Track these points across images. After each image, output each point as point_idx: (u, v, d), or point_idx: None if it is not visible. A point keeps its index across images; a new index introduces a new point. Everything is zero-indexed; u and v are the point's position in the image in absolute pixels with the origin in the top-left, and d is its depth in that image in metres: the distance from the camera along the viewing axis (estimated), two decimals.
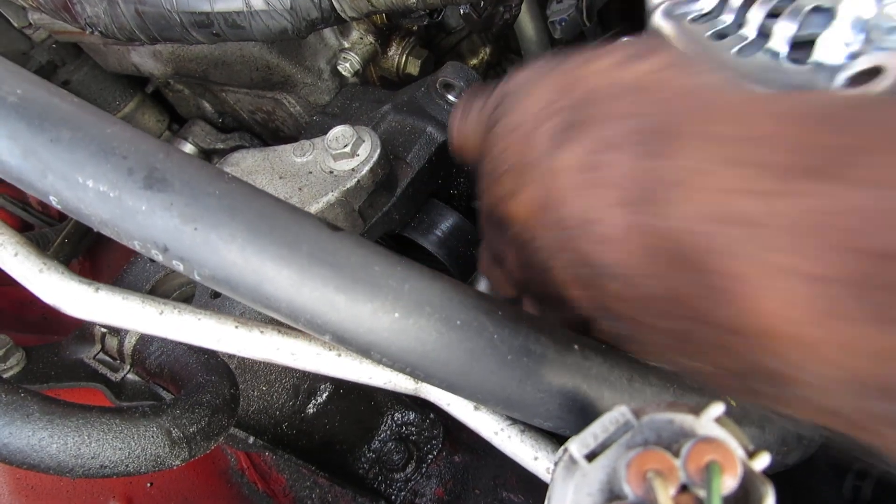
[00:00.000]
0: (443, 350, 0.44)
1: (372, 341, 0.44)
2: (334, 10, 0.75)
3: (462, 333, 0.44)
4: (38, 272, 0.56)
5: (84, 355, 0.81)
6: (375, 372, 0.56)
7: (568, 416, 0.48)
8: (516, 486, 1.08)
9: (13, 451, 0.51)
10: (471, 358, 0.45)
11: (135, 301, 0.55)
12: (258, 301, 0.44)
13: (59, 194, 0.44)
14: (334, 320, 0.43)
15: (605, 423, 0.36)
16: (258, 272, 0.42)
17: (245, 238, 0.42)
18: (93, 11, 0.80)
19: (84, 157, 0.43)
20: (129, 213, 0.43)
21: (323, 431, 1.00)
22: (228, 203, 0.43)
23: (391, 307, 0.43)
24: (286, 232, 0.43)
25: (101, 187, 0.43)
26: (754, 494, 0.32)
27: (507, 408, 0.48)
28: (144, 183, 0.43)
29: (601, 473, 0.35)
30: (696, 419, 0.35)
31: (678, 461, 0.33)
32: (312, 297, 0.42)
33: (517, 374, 0.46)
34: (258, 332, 0.55)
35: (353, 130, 0.80)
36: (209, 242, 0.42)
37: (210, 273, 0.43)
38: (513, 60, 1.34)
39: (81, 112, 0.46)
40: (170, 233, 0.43)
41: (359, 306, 0.43)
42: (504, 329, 0.46)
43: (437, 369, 0.45)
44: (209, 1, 0.75)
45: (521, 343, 0.46)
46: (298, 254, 0.43)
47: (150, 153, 0.44)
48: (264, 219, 0.43)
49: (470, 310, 0.45)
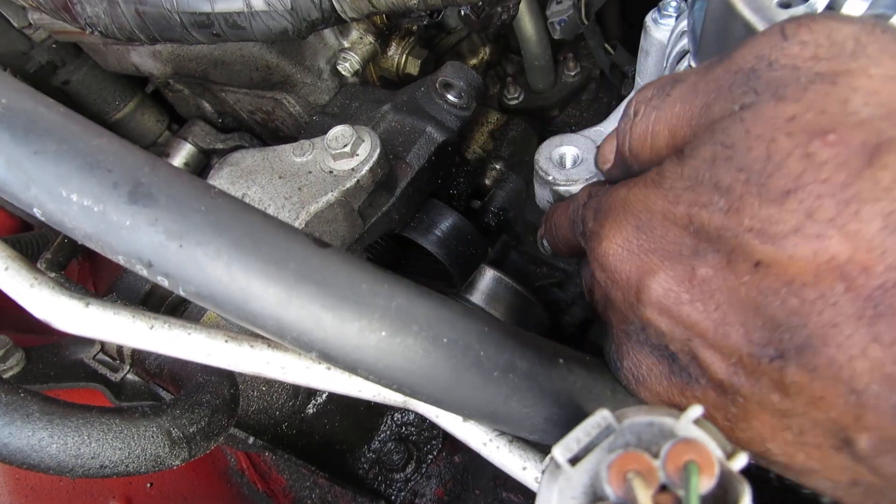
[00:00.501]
0: (429, 368, 0.44)
1: (359, 359, 0.44)
2: (335, 10, 0.76)
3: (449, 351, 0.45)
4: (29, 287, 0.56)
5: (84, 355, 0.81)
6: (365, 385, 0.57)
7: (553, 430, 0.48)
8: (516, 487, 1.08)
9: (13, 451, 0.51)
10: (457, 375, 0.45)
11: (125, 316, 0.56)
12: (244, 318, 0.44)
13: (42, 207, 0.43)
14: (321, 338, 0.43)
15: (588, 427, 0.37)
16: (244, 290, 0.42)
17: (231, 255, 0.42)
18: (93, 11, 0.80)
19: (68, 170, 0.43)
20: (113, 227, 0.42)
21: (323, 431, 1.00)
22: (214, 219, 0.43)
23: (378, 326, 0.43)
24: (273, 249, 0.43)
25: (86, 201, 0.42)
26: (732, 494, 0.32)
27: (493, 422, 0.49)
28: (129, 198, 0.43)
29: (584, 477, 0.35)
30: (675, 421, 0.35)
31: (657, 462, 0.33)
32: (299, 316, 0.42)
33: (503, 390, 0.46)
34: (248, 347, 0.56)
35: (352, 130, 0.80)
36: (194, 259, 0.42)
37: (195, 290, 0.43)
38: (513, 60, 1.34)
39: (67, 123, 0.45)
40: (154, 248, 0.42)
41: (346, 325, 0.43)
42: (490, 346, 0.46)
43: (423, 386, 0.45)
44: (210, 1, 0.75)
45: (506, 359, 0.46)
46: (285, 271, 0.43)
47: (135, 167, 0.44)
48: (251, 235, 0.43)
49: (457, 328, 0.45)
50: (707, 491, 0.32)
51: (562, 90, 1.27)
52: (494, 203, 1.06)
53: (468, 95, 0.95)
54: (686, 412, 0.35)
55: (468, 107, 0.94)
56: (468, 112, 0.94)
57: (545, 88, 1.27)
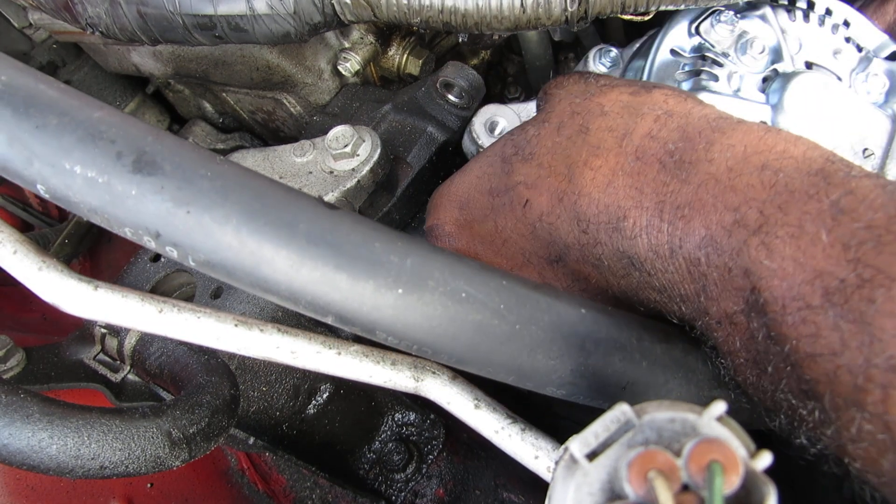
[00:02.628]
0: (449, 324, 0.43)
1: (376, 320, 0.43)
2: (336, 14, 0.75)
3: (468, 306, 0.43)
4: (38, 270, 0.56)
5: (84, 356, 0.81)
6: (375, 370, 0.56)
7: (581, 382, 0.47)
8: (517, 487, 1.08)
9: (13, 452, 0.50)
10: (479, 330, 0.43)
11: (134, 299, 0.55)
12: (256, 285, 0.43)
13: (46, 182, 0.43)
14: (336, 300, 0.42)
15: (606, 421, 0.36)
16: (255, 254, 0.41)
17: (240, 219, 0.41)
18: (94, 12, 0.80)
19: (71, 142, 0.42)
20: (118, 198, 0.42)
21: (323, 432, 1.00)
22: (221, 184, 0.42)
23: (394, 283, 0.42)
24: (282, 211, 0.42)
25: (90, 173, 0.42)
26: (756, 495, 0.32)
27: (518, 378, 0.47)
28: (133, 167, 0.42)
29: (602, 473, 0.35)
30: (697, 418, 0.35)
31: (680, 461, 0.33)
32: (312, 278, 0.41)
33: (527, 343, 0.45)
34: (258, 331, 0.55)
35: (353, 130, 0.80)
36: (203, 225, 0.41)
37: (205, 258, 0.42)
38: (513, 60, 1.33)
39: (68, 97, 0.45)
40: (161, 217, 0.41)
41: (360, 284, 0.42)
42: (510, 298, 0.45)
43: (444, 344, 0.44)
44: (213, 4, 0.75)
45: (528, 312, 0.45)
46: (296, 233, 0.41)
47: (138, 137, 0.43)
48: (259, 199, 0.42)
49: (475, 282, 0.44)
50: (731, 492, 0.32)
51: None
52: None
53: (469, 95, 0.95)
54: (709, 408, 0.35)
55: (469, 107, 0.94)
56: (469, 112, 0.94)
57: None
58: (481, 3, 0.66)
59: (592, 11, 0.66)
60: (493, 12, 0.67)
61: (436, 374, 0.57)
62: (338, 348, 0.56)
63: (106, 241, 1.40)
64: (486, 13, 0.67)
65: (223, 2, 0.74)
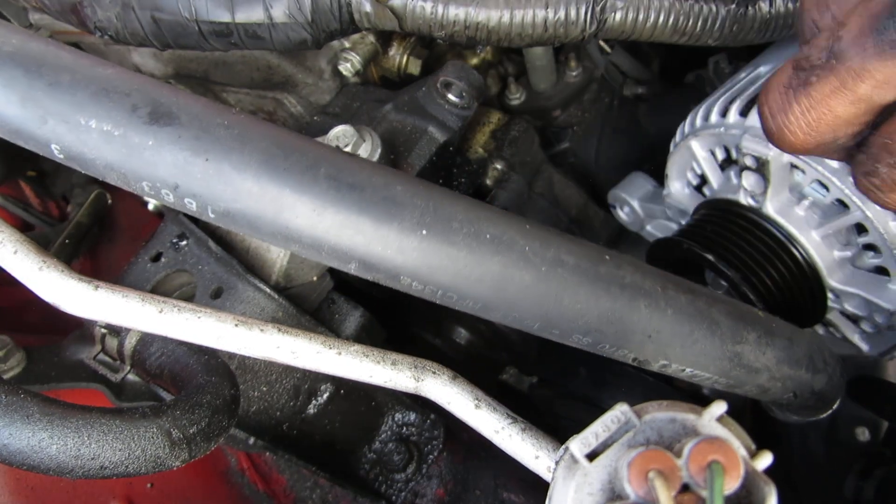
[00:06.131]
0: (475, 266, 0.42)
1: (400, 264, 0.42)
2: (353, 22, 0.75)
3: (493, 247, 0.43)
4: (38, 270, 0.56)
5: (84, 356, 0.81)
6: (376, 370, 0.56)
7: (607, 328, 0.46)
8: (517, 487, 1.08)
9: (13, 452, 0.50)
10: (504, 272, 0.43)
11: (134, 299, 0.55)
12: (277, 233, 0.42)
13: (60, 140, 0.42)
14: (360, 244, 0.41)
15: (607, 421, 0.36)
16: (276, 201, 0.41)
17: (260, 165, 0.41)
18: (104, 15, 0.79)
19: (85, 97, 0.42)
20: (135, 150, 0.41)
21: (324, 432, 1.00)
22: (239, 132, 0.42)
23: (417, 225, 0.41)
24: (302, 156, 0.41)
25: (105, 126, 0.41)
26: (756, 495, 0.32)
27: (544, 325, 0.46)
28: (150, 118, 0.41)
29: (602, 473, 0.35)
30: (698, 418, 0.35)
31: (680, 461, 0.33)
32: (335, 222, 0.41)
33: (553, 286, 0.44)
34: (258, 331, 0.55)
35: (353, 130, 0.80)
36: (222, 173, 0.41)
37: (224, 208, 0.41)
38: (514, 60, 1.33)
39: (78, 58, 0.45)
40: (180, 167, 0.41)
41: (384, 227, 0.41)
42: (535, 241, 0.44)
43: (470, 287, 0.43)
44: (230, 11, 0.74)
45: (553, 254, 0.44)
46: (317, 177, 0.41)
47: (153, 90, 0.43)
48: (278, 145, 0.42)
49: (498, 224, 0.44)
50: (732, 492, 0.32)
51: (563, 90, 1.27)
52: (496, 203, 1.06)
53: (469, 95, 0.94)
54: (709, 409, 0.35)
55: (469, 106, 0.94)
56: (469, 112, 0.94)
57: (547, 88, 1.27)
58: (505, 20, 0.68)
59: (607, 33, 0.68)
60: (517, 29, 0.68)
61: (436, 374, 0.57)
62: (338, 348, 0.56)
63: (106, 242, 1.40)
64: (510, 30, 0.69)
65: (241, 9, 0.74)
